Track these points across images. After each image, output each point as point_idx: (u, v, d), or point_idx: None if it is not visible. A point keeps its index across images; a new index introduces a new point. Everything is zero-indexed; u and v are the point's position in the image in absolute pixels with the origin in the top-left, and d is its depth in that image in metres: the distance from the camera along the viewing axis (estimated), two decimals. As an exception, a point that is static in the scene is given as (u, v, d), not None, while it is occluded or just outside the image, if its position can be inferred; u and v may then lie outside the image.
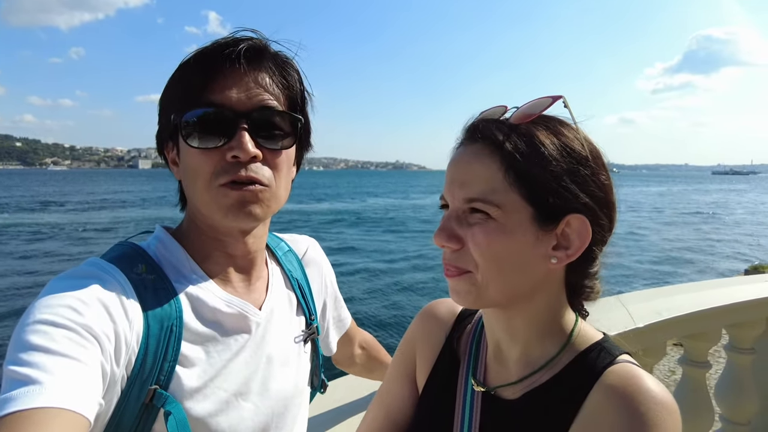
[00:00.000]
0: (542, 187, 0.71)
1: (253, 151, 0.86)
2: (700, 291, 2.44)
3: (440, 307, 1.02)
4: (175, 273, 0.90)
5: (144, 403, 0.79)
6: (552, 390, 0.77)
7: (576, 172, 0.73)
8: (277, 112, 0.90)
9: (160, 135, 0.96)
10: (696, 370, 2.37)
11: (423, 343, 0.99)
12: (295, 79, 0.96)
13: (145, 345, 0.80)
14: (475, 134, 0.76)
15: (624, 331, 1.88)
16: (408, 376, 1.00)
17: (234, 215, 0.87)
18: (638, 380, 0.70)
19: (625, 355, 0.77)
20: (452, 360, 0.93)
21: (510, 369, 0.83)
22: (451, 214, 0.77)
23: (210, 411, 0.85)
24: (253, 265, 1.01)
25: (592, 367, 0.75)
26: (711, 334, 2.33)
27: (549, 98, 0.75)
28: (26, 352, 0.65)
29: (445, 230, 0.75)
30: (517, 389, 0.81)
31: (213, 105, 0.85)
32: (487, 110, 0.80)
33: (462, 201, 0.75)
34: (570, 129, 0.76)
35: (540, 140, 0.72)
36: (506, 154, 0.72)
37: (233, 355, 0.91)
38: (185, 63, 0.88)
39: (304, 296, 1.12)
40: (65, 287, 0.75)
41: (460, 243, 0.75)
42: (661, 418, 0.65)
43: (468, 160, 0.75)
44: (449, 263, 0.77)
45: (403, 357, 1.02)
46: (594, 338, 0.80)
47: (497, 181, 0.72)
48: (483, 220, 0.73)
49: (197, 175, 0.87)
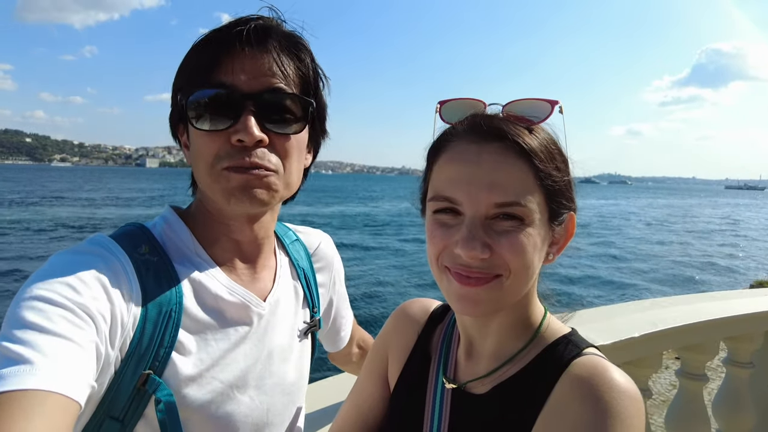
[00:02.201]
0: (558, 189, 0.75)
1: (259, 135, 0.82)
2: (698, 303, 2.44)
3: (413, 306, 1.03)
4: (179, 255, 0.89)
5: (136, 387, 0.78)
6: (520, 382, 0.78)
7: (568, 172, 0.78)
8: (288, 95, 0.86)
9: (172, 117, 0.94)
10: (692, 382, 2.36)
11: (395, 342, 1.00)
12: (309, 60, 0.91)
13: (141, 328, 0.79)
14: (492, 133, 0.72)
15: (619, 341, 1.89)
16: (380, 374, 1.01)
17: (237, 199, 0.84)
18: (603, 371, 0.70)
19: (591, 348, 0.78)
20: (423, 358, 0.94)
21: (480, 364, 0.84)
22: (475, 221, 0.71)
23: (203, 401, 0.85)
24: (260, 252, 0.99)
25: (559, 359, 0.76)
26: (708, 347, 2.32)
27: (545, 102, 0.75)
28: (21, 329, 0.64)
29: (478, 240, 0.70)
30: (485, 383, 0.82)
31: (220, 86, 0.82)
32: (459, 99, 0.79)
33: (491, 206, 0.70)
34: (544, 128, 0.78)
35: (552, 143, 0.76)
36: (533, 157, 0.71)
37: (232, 346, 0.90)
38: (197, 43, 0.86)
39: (309, 287, 1.11)
40: (65, 263, 0.75)
41: (490, 251, 0.71)
42: (624, 406, 0.66)
43: (494, 161, 0.71)
44: (478, 271, 0.71)
45: (376, 356, 1.03)
46: (561, 331, 0.82)
47: (529, 185, 0.71)
48: (516, 225, 0.71)
49: (201, 157, 0.85)
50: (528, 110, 0.75)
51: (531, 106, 0.75)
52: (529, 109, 0.75)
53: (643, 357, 2.07)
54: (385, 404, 0.99)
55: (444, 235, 0.74)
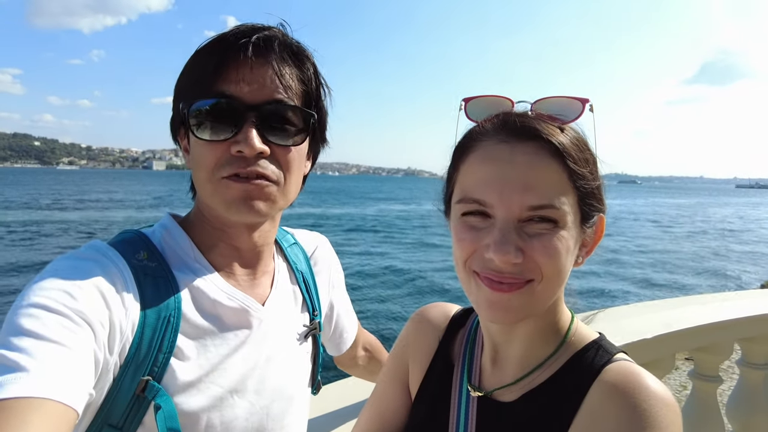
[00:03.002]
0: (590, 191, 0.72)
1: (260, 147, 0.82)
2: (712, 303, 2.40)
3: (433, 311, 1.00)
4: (178, 261, 0.89)
5: (135, 394, 0.78)
6: (550, 390, 0.76)
7: (598, 173, 0.75)
8: (289, 107, 0.86)
9: (173, 122, 0.94)
10: (706, 384, 2.31)
11: (415, 348, 0.97)
12: (311, 71, 0.91)
13: (140, 334, 0.78)
14: (525, 132, 0.70)
15: (630, 342, 1.85)
16: (401, 381, 0.98)
17: (237, 209, 0.84)
18: (637, 377, 0.68)
19: (622, 354, 0.76)
20: (446, 364, 0.91)
21: (507, 371, 0.81)
22: (508, 225, 0.68)
23: (202, 406, 0.84)
24: (260, 259, 0.99)
25: (589, 365, 0.74)
26: (722, 348, 2.28)
27: (576, 100, 0.73)
28: (17, 336, 0.64)
29: (512, 244, 0.67)
30: (513, 391, 0.79)
31: (222, 96, 0.82)
32: (485, 96, 0.76)
33: (525, 208, 0.67)
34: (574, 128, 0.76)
35: (583, 143, 0.73)
36: (566, 158, 0.69)
37: (231, 351, 0.89)
38: (199, 50, 0.86)
39: (309, 291, 1.10)
40: (62, 269, 0.74)
41: (523, 255, 0.68)
42: (662, 415, 0.64)
43: (527, 161, 0.68)
44: (510, 276, 0.69)
45: (396, 362, 1.00)
46: (590, 337, 0.79)
47: (562, 186, 0.69)
48: (550, 229, 0.68)
49: (200, 165, 0.85)
50: (558, 108, 0.72)
51: (561, 104, 0.72)
52: (558, 107, 0.72)
53: (655, 359, 2.03)
54: (407, 411, 0.96)
55: (473, 239, 0.71)
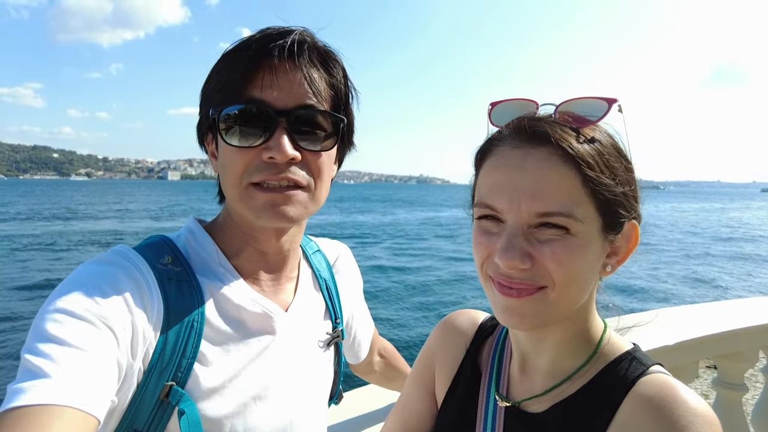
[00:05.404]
0: (613, 197, 0.68)
1: (292, 154, 0.82)
2: (736, 309, 2.34)
3: (461, 318, 0.98)
4: (202, 266, 0.89)
5: (159, 399, 0.78)
6: (581, 401, 0.73)
7: (633, 179, 0.72)
8: (320, 112, 0.85)
9: (200, 127, 0.93)
10: (731, 392, 2.25)
11: (443, 356, 0.96)
12: (341, 75, 0.91)
13: (164, 338, 0.78)
14: (537, 136, 0.68)
15: (652, 349, 1.81)
16: (427, 388, 0.97)
17: (267, 216, 0.84)
18: (674, 391, 0.65)
19: (657, 366, 0.73)
20: (473, 373, 0.90)
21: (536, 381, 0.79)
22: (516, 230, 0.68)
23: (226, 413, 0.84)
24: (285, 264, 0.98)
25: (623, 377, 0.71)
26: (747, 355, 2.22)
27: (602, 100, 0.69)
28: (42, 342, 0.65)
29: (518, 250, 0.67)
30: (543, 402, 0.77)
31: (252, 101, 0.81)
32: (510, 100, 0.74)
33: (533, 215, 0.66)
34: (603, 130, 0.72)
35: (610, 146, 0.70)
36: (581, 163, 0.66)
37: (254, 357, 0.89)
38: (228, 53, 0.85)
39: (332, 298, 1.09)
40: (88, 274, 0.75)
41: (531, 261, 0.67)
42: (703, 431, 0.61)
43: (538, 167, 0.67)
44: (520, 282, 0.68)
45: (422, 369, 0.99)
46: (623, 348, 0.76)
47: (577, 193, 0.66)
48: (560, 235, 0.66)
49: (229, 170, 0.85)
50: (581, 109, 0.70)
51: (585, 105, 0.70)
52: (582, 108, 0.70)
53: (677, 366, 1.99)
54: (432, 420, 0.94)
55: (487, 243, 0.71)
